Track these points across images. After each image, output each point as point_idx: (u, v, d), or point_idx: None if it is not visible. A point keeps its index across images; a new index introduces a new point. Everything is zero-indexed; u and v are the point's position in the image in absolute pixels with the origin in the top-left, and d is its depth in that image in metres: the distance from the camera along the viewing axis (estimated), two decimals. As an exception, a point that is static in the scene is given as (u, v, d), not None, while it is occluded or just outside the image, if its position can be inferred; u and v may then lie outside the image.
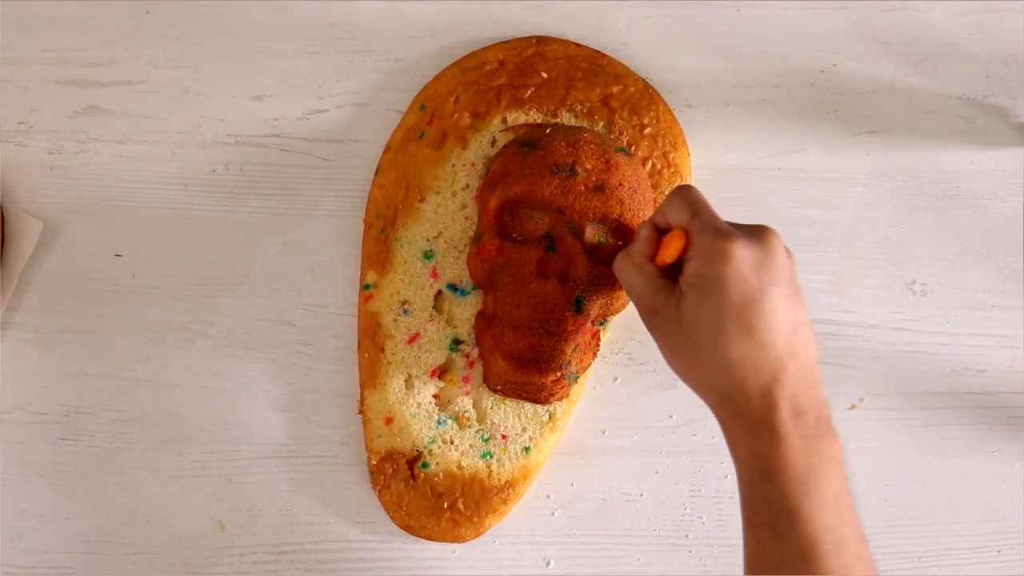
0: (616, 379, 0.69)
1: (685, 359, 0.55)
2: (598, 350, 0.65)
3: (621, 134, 0.68)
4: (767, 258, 0.52)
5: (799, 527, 0.51)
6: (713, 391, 0.54)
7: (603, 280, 0.63)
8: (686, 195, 0.55)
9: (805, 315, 0.53)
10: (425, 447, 0.67)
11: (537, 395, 0.65)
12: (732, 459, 0.54)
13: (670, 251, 0.55)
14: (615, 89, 0.68)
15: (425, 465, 0.67)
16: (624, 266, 0.57)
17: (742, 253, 0.52)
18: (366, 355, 0.67)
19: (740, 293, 0.52)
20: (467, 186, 0.68)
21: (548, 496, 0.68)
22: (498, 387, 0.66)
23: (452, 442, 0.67)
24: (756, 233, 0.54)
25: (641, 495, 0.68)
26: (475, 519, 0.67)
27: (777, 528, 0.52)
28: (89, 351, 0.69)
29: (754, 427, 0.52)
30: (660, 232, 0.57)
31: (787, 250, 0.54)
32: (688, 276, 0.53)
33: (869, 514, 0.68)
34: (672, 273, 0.55)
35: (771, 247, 0.53)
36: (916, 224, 0.70)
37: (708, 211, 0.55)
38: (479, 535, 0.67)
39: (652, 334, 0.56)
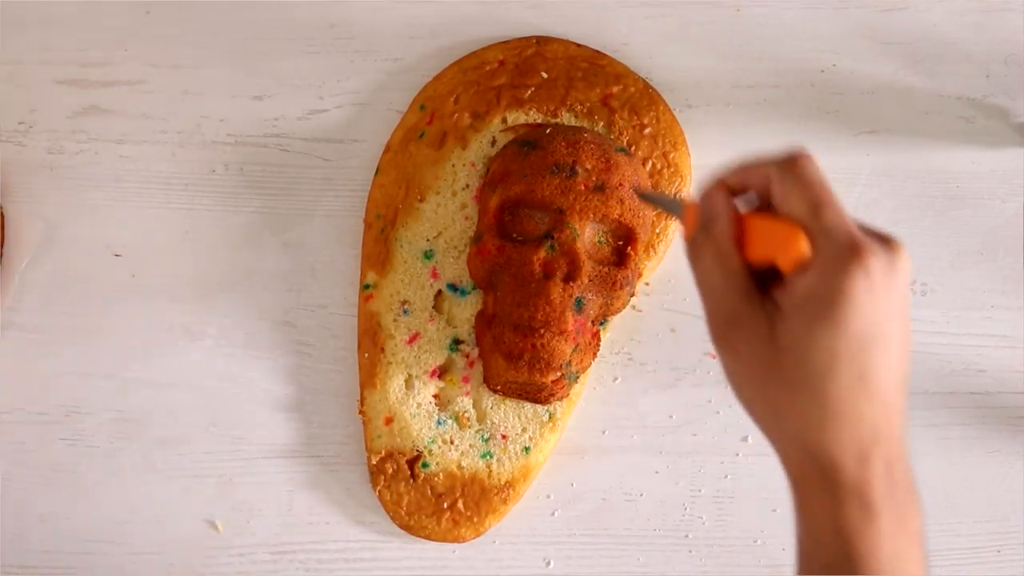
0: (616, 379, 0.69)
1: (768, 397, 0.44)
2: (598, 350, 0.65)
3: (621, 134, 0.68)
4: (895, 283, 0.42)
5: None
6: (799, 446, 0.43)
7: (603, 280, 0.63)
8: (810, 173, 0.43)
9: (907, 363, 0.44)
10: (425, 447, 0.67)
11: (537, 395, 0.65)
12: (801, 535, 0.44)
13: (784, 251, 0.42)
14: (615, 89, 0.68)
15: (425, 465, 0.67)
16: (704, 252, 0.44)
17: (877, 272, 0.41)
18: (366, 355, 0.67)
19: (863, 327, 0.41)
20: (467, 186, 0.68)
21: (548, 496, 0.68)
22: (498, 387, 0.66)
23: (452, 442, 0.67)
24: (888, 246, 0.43)
25: (641, 495, 0.68)
26: (475, 519, 0.67)
27: None
28: (89, 351, 0.69)
29: (844, 497, 0.42)
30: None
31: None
32: (799, 292, 0.42)
33: (869, 514, 0.69)
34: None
35: (904, 268, 0.42)
36: (916, 224, 0.70)
37: (836, 204, 0.43)
38: (479, 535, 0.67)
39: (721, 350, 0.45)
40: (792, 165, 0.43)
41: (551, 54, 0.69)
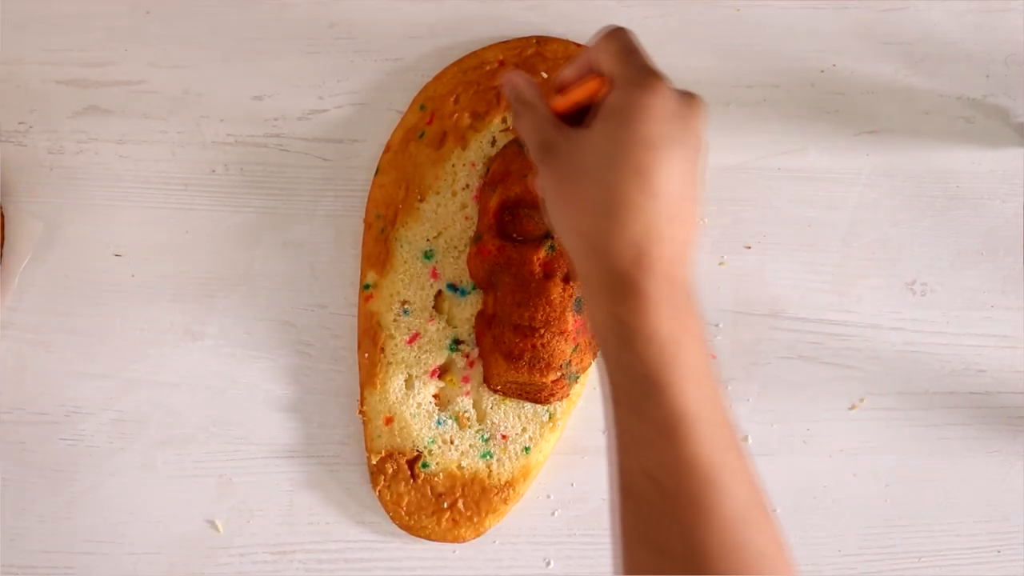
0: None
1: (566, 196, 0.49)
2: (598, 350, 0.65)
3: (621, 134, 0.68)
4: (689, 117, 0.49)
5: (661, 400, 0.46)
6: (581, 233, 0.49)
7: (603, 280, 0.63)
8: (615, 36, 0.51)
9: (697, 199, 0.50)
10: (425, 447, 0.67)
11: (537, 395, 0.65)
12: (591, 326, 0.49)
13: (581, 90, 0.51)
14: (615, 89, 0.68)
15: (425, 465, 0.67)
16: (520, 111, 0.53)
17: (668, 98, 0.48)
18: (366, 355, 0.67)
19: (650, 132, 0.47)
20: (467, 186, 0.68)
21: (548, 496, 0.68)
22: (498, 387, 0.66)
23: (452, 442, 0.67)
24: (687, 94, 0.50)
25: (641, 495, 0.68)
26: (475, 519, 0.67)
27: (635, 399, 0.47)
28: (89, 351, 0.69)
29: (618, 283, 0.47)
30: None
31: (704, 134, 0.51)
32: (604, 108, 0.49)
33: (869, 514, 0.69)
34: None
35: (696, 110, 0.50)
36: (916, 224, 0.70)
37: (643, 53, 0.51)
38: (479, 535, 0.67)
39: (541, 176, 0.51)
40: (606, 35, 0.51)
41: (551, 54, 0.69)
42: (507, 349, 0.62)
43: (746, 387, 0.69)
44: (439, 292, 0.68)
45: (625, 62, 0.50)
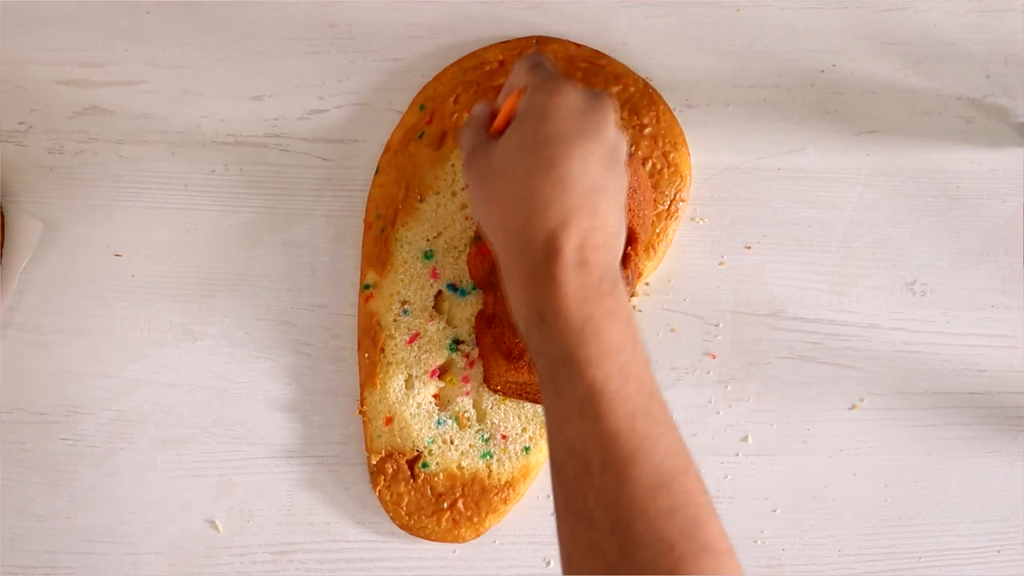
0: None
1: (486, 194, 0.53)
2: (598, 350, 0.65)
3: (621, 134, 0.68)
4: (593, 113, 0.52)
5: (576, 377, 0.48)
6: (502, 227, 0.52)
7: (603, 280, 0.63)
8: (527, 57, 0.55)
9: (618, 191, 0.52)
10: (425, 447, 0.67)
11: (537, 395, 0.65)
12: (514, 318, 0.52)
13: (506, 106, 0.54)
14: (615, 89, 0.68)
15: (425, 465, 0.67)
16: (462, 129, 0.57)
17: (571, 97, 0.51)
18: (366, 355, 0.67)
19: (555, 129, 0.51)
20: (467, 186, 0.68)
21: (548, 496, 0.68)
22: (498, 387, 0.66)
23: (452, 442, 0.67)
24: (594, 92, 0.53)
25: (641, 495, 0.68)
26: (475, 519, 0.67)
27: (556, 380, 0.49)
28: (89, 351, 0.69)
29: (533, 272, 0.50)
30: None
31: (622, 130, 0.54)
32: (517, 114, 0.53)
33: (869, 514, 0.69)
34: None
35: (602, 106, 0.52)
36: (916, 224, 0.70)
37: (548, 64, 0.54)
38: (479, 535, 0.67)
39: (467, 178, 0.55)
40: (521, 58, 0.55)
41: (551, 54, 0.69)
42: (507, 349, 0.62)
43: (746, 387, 0.69)
44: (439, 292, 0.68)
45: (534, 73, 0.54)
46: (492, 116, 0.57)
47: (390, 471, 0.67)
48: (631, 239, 0.64)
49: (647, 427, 0.49)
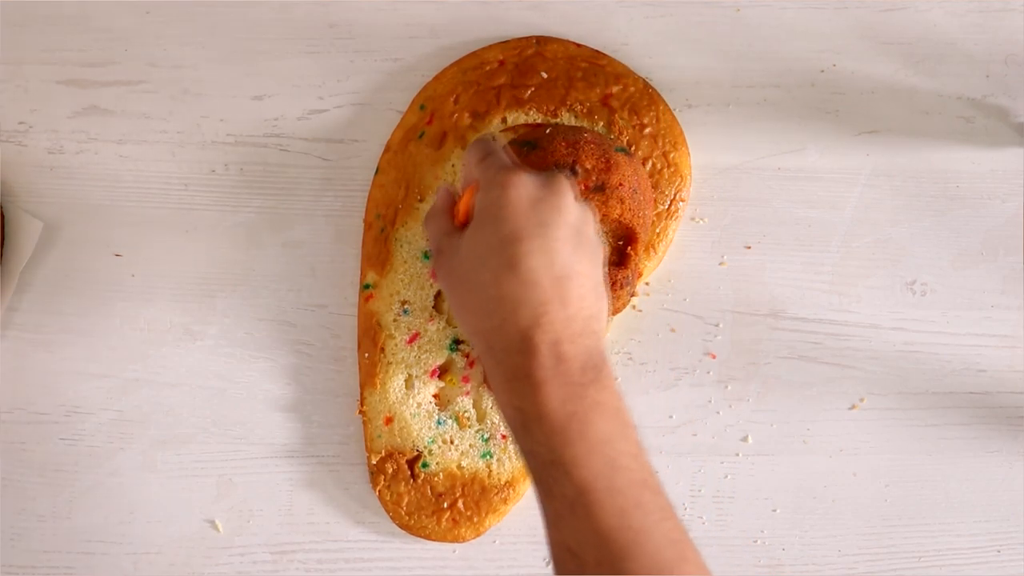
0: (616, 379, 0.69)
1: (457, 300, 0.52)
2: (598, 350, 0.65)
3: (621, 134, 0.68)
4: (549, 197, 0.51)
5: (564, 478, 0.48)
6: (476, 332, 0.51)
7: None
8: (479, 142, 0.54)
9: (591, 268, 0.51)
10: (425, 447, 0.67)
11: (537, 395, 0.65)
12: (501, 420, 0.52)
13: (462, 204, 0.54)
14: (615, 89, 0.68)
15: (425, 465, 0.67)
16: (426, 220, 0.57)
17: (524, 187, 0.51)
18: (366, 355, 0.67)
19: (511, 226, 0.50)
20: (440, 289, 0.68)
21: (548, 496, 0.68)
22: (498, 387, 0.66)
23: (452, 442, 0.67)
24: (546, 175, 0.52)
25: (641, 495, 0.68)
26: (475, 519, 0.67)
27: (545, 482, 0.49)
28: (89, 351, 0.69)
29: (513, 374, 0.49)
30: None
31: (582, 202, 0.53)
32: (475, 213, 0.52)
33: (869, 514, 0.69)
34: None
35: (556, 188, 0.51)
36: (916, 224, 0.70)
37: (498, 152, 0.53)
38: (479, 535, 0.67)
39: (439, 281, 0.55)
40: (469, 147, 0.55)
41: (551, 54, 0.69)
42: (507, 349, 0.62)
43: (746, 387, 0.69)
44: (439, 292, 0.68)
45: (484, 166, 0.53)
46: (454, 204, 0.56)
47: (390, 471, 0.67)
48: (631, 239, 0.64)
49: (640, 520, 0.48)
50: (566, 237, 0.50)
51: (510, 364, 0.50)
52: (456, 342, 0.67)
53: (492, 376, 0.51)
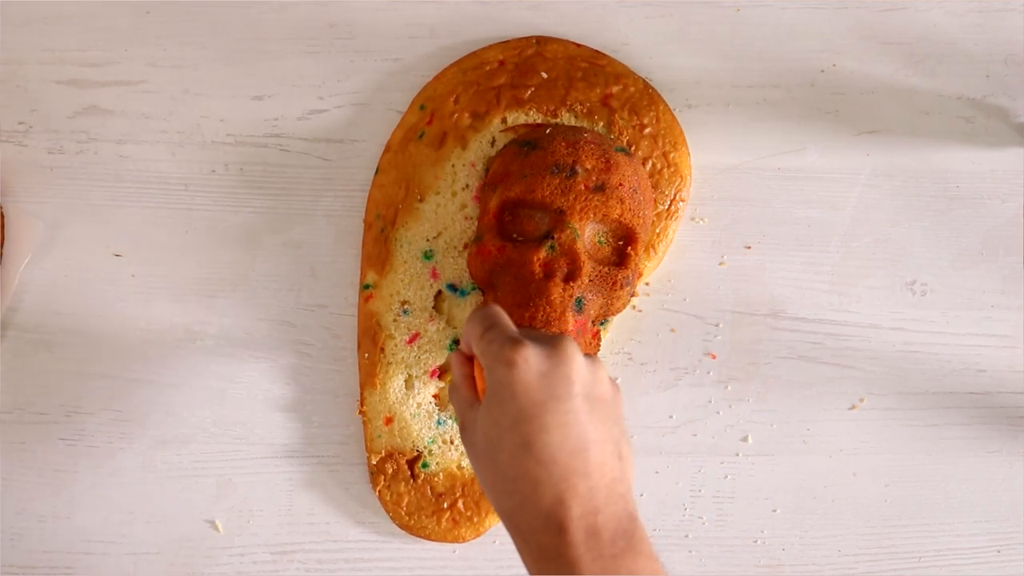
0: (616, 379, 0.69)
1: (481, 477, 0.51)
2: (599, 350, 0.65)
3: (621, 134, 0.68)
4: (555, 369, 0.49)
5: None
6: (501, 511, 0.50)
7: (603, 280, 0.63)
8: (477, 314, 0.53)
9: (608, 430, 0.50)
10: (425, 447, 0.67)
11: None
12: None
13: (479, 381, 0.53)
14: (615, 89, 0.68)
15: (425, 465, 0.67)
16: (450, 394, 0.56)
17: (529, 362, 0.49)
18: (366, 355, 0.67)
19: (520, 405, 0.49)
20: (467, 186, 0.68)
21: (548, 496, 0.68)
22: (498, 387, 0.65)
23: (452, 442, 0.67)
24: (550, 341, 0.50)
25: (641, 495, 0.68)
26: (475, 519, 0.67)
27: None
28: (89, 351, 0.69)
29: (543, 554, 0.48)
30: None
31: (590, 361, 0.51)
32: (485, 392, 0.51)
33: (869, 514, 0.69)
34: None
35: (562, 357, 0.50)
36: (916, 224, 0.70)
37: (501, 323, 0.52)
38: (479, 535, 0.67)
39: (468, 455, 0.54)
40: (468, 320, 0.54)
41: (551, 54, 0.69)
42: (507, 349, 0.62)
43: (746, 387, 0.69)
44: (439, 292, 0.68)
45: (485, 343, 0.51)
46: (471, 372, 0.55)
47: (390, 471, 0.67)
48: (631, 239, 0.64)
49: None
50: (579, 407, 0.49)
51: (538, 543, 0.49)
52: (456, 342, 0.67)
53: (521, 553, 0.50)
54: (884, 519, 0.69)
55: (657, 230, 0.68)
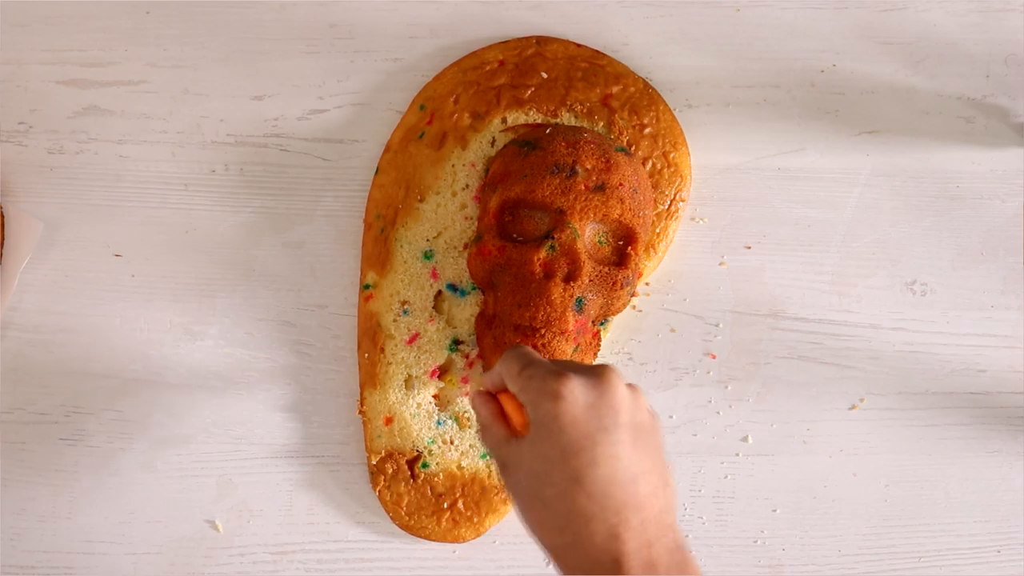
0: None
1: (527, 515, 0.50)
2: (599, 350, 0.65)
3: (621, 134, 0.68)
4: (600, 399, 0.49)
5: None
6: (551, 550, 0.49)
7: (604, 280, 0.63)
8: (511, 353, 0.52)
9: (654, 459, 0.50)
10: (425, 447, 0.67)
11: (537, 395, 0.65)
12: None
13: (514, 416, 0.52)
14: (615, 89, 0.68)
15: (425, 465, 0.67)
16: (481, 436, 0.55)
17: (575, 394, 0.49)
18: (366, 355, 0.67)
19: (569, 439, 0.48)
20: (467, 186, 0.68)
21: (548, 496, 0.68)
22: (498, 387, 0.66)
23: (452, 442, 0.67)
24: (593, 372, 0.50)
25: (641, 495, 0.68)
26: (475, 519, 0.67)
27: None
28: (89, 351, 0.69)
29: None
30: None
31: (631, 389, 0.51)
32: (530, 425, 0.50)
33: (869, 514, 0.69)
34: None
35: (607, 387, 0.49)
36: (916, 224, 0.70)
37: (538, 359, 0.52)
38: (479, 535, 0.67)
39: (508, 494, 0.52)
40: (502, 360, 0.53)
41: (551, 54, 0.69)
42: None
43: (746, 387, 0.69)
44: (439, 292, 0.68)
45: (525, 379, 0.51)
46: (498, 408, 0.54)
47: (390, 471, 0.67)
48: (631, 239, 0.64)
49: None
50: (625, 438, 0.49)
51: None
52: (456, 342, 0.67)
53: None
54: (884, 519, 0.69)
55: (657, 230, 0.68)
